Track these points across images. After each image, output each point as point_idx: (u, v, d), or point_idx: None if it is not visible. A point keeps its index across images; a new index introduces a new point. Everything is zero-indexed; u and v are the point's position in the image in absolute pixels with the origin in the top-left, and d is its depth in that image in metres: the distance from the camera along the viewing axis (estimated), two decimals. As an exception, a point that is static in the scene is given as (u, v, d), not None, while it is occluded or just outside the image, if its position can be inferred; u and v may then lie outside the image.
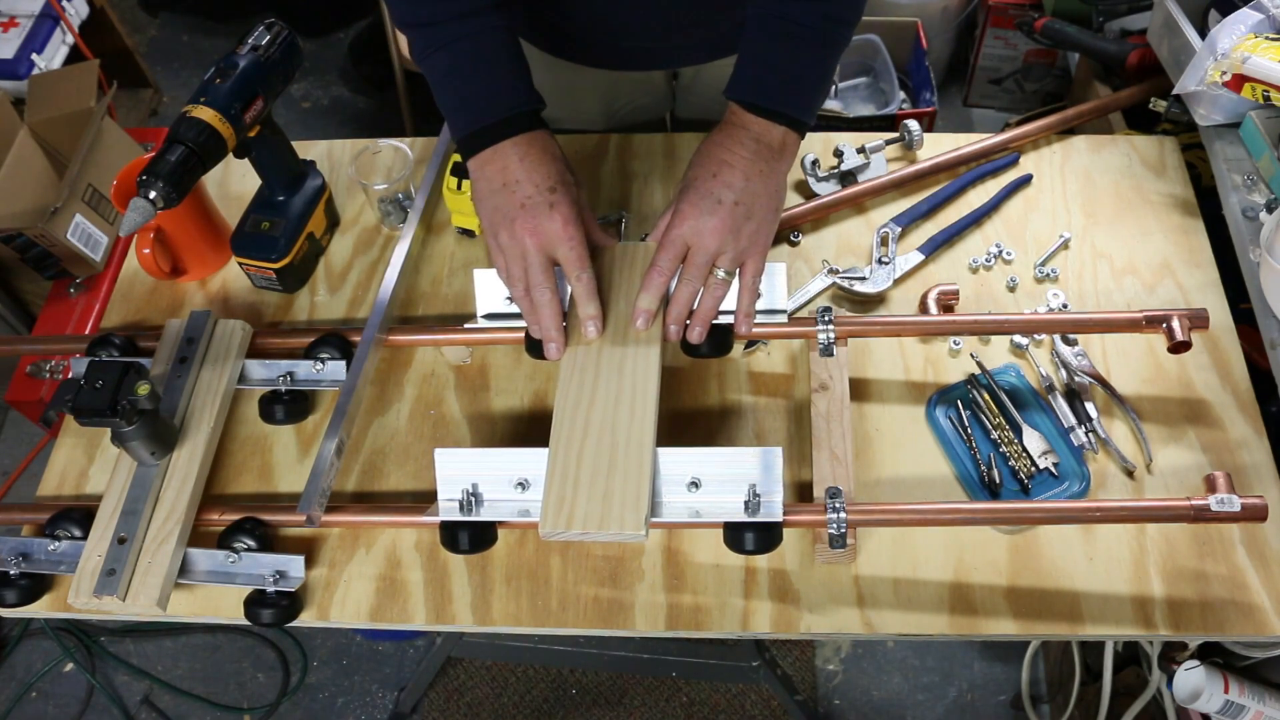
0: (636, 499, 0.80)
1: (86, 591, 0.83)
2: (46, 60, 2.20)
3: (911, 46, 2.28)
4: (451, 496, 0.83)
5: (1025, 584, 0.86)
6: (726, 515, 0.81)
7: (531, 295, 0.86)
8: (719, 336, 0.91)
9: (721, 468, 0.81)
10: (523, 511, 0.83)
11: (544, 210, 0.84)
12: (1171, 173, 1.13)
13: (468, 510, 0.83)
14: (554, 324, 0.86)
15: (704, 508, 0.82)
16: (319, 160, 1.15)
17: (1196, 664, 1.03)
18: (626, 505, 0.80)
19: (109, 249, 1.85)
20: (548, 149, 0.87)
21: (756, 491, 0.80)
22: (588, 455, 0.83)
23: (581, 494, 0.81)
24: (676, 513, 0.82)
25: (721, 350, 0.92)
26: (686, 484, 0.82)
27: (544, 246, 0.84)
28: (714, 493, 0.82)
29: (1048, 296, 1.03)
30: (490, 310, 0.96)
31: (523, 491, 0.83)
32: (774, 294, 0.94)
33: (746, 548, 0.81)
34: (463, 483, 0.83)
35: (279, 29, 0.96)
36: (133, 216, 0.85)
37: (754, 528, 0.80)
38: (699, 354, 0.91)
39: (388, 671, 1.82)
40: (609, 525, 0.79)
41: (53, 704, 1.83)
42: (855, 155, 1.12)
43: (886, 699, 1.74)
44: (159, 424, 0.89)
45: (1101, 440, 0.92)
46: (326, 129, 2.63)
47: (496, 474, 0.84)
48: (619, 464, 0.82)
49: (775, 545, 0.82)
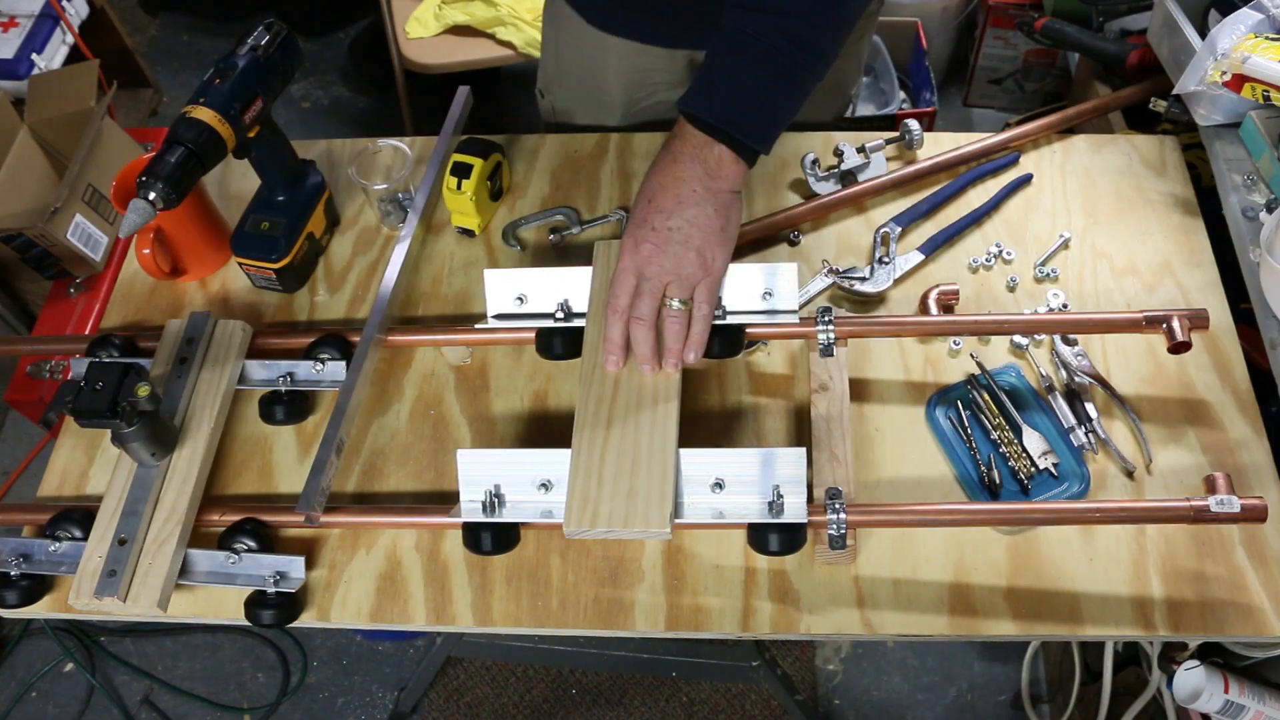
0: (661, 497, 0.80)
1: (87, 592, 0.83)
2: (46, 60, 2.20)
3: (911, 46, 2.28)
4: (474, 498, 0.83)
5: (1025, 584, 0.85)
6: (750, 516, 0.81)
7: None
8: (729, 337, 0.91)
9: (744, 469, 0.81)
10: (545, 512, 0.83)
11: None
12: (1172, 172, 1.13)
13: (491, 511, 0.83)
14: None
15: (727, 508, 0.82)
16: (319, 160, 1.15)
17: (1196, 664, 1.03)
18: (651, 503, 0.80)
19: (109, 249, 1.85)
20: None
21: (780, 493, 0.80)
22: (611, 453, 0.83)
23: (605, 492, 0.81)
24: (700, 513, 0.82)
25: (732, 351, 0.91)
26: (710, 484, 0.82)
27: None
28: (737, 494, 0.82)
29: (1048, 296, 1.03)
30: (500, 310, 0.96)
31: (545, 492, 0.83)
32: (781, 295, 0.93)
33: (772, 549, 0.81)
34: (485, 484, 0.83)
35: (278, 29, 0.96)
36: (132, 218, 0.85)
37: (778, 529, 0.80)
38: (710, 354, 0.90)
39: (388, 671, 1.82)
40: (634, 523, 0.79)
41: (53, 704, 1.83)
42: (855, 155, 1.12)
43: (886, 699, 1.74)
44: (159, 425, 0.89)
45: (1101, 441, 0.92)
46: (326, 129, 2.63)
47: (519, 475, 0.83)
48: (642, 462, 0.82)
49: (800, 546, 0.82)
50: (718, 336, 0.90)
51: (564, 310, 0.94)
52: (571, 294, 0.94)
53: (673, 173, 0.83)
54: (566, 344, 0.93)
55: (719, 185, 0.83)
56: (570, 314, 0.94)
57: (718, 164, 0.82)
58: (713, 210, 0.84)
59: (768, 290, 0.92)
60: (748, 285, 0.93)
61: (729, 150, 0.82)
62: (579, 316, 0.94)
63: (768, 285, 0.92)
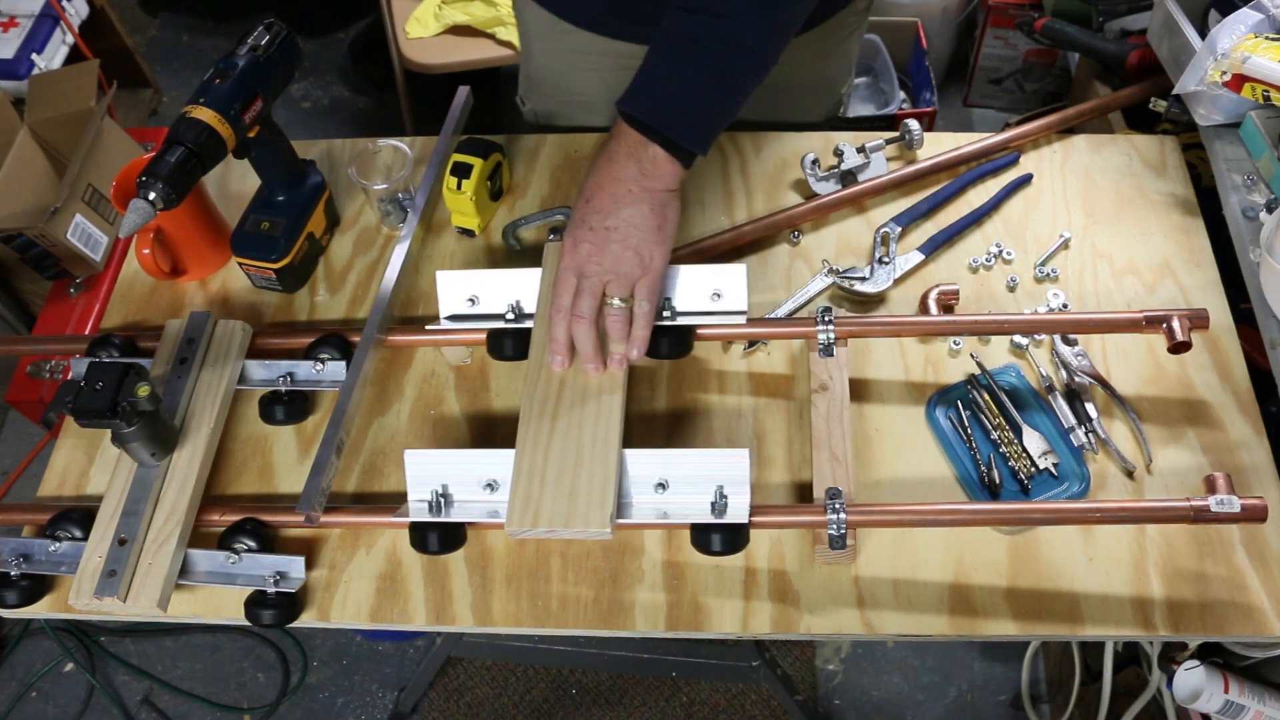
0: (602, 497, 0.80)
1: (87, 592, 0.83)
2: (46, 60, 2.20)
3: (911, 46, 2.28)
4: (421, 497, 0.84)
5: (1025, 584, 0.85)
6: (693, 516, 0.82)
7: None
8: (678, 337, 0.91)
9: (689, 469, 0.82)
10: (491, 513, 0.83)
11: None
12: (1172, 172, 1.13)
13: (437, 511, 0.83)
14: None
15: (671, 509, 0.82)
16: (319, 160, 1.15)
17: (1196, 664, 1.03)
18: (593, 503, 0.80)
19: (109, 249, 1.85)
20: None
21: (724, 493, 0.81)
22: (554, 454, 0.83)
23: (548, 492, 0.81)
24: (644, 513, 0.82)
25: (681, 351, 0.92)
26: (654, 485, 0.83)
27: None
28: (682, 494, 0.82)
29: (1048, 296, 1.02)
30: (452, 311, 0.97)
31: (491, 492, 0.84)
32: (730, 296, 0.93)
33: (714, 549, 0.81)
34: (432, 484, 0.84)
35: (278, 29, 0.96)
36: (132, 218, 0.85)
37: (721, 529, 0.81)
38: (659, 354, 0.91)
39: (388, 671, 1.82)
40: (575, 523, 0.79)
41: (53, 704, 1.83)
42: (855, 155, 1.12)
43: (886, 699, 1.74)
44: (159, 425, 0.89)
45: (1101, 440, 0.92)
46: (326, 129, 2.63)
47: (465, 475, 0.84)
48: (585, 462, 0.82)
49: (742, 546, 0.82)
50: (666, 337, 0.90)
51: (515, 311, 0.94)
52: (523, 295, 0.95)
53: (609, 172, 0.84)
54: (517, 345, 0.93)
55: (654, 185, 0.84)
56: (521, 315, 0.94)
57: (653, 164, 0.83)
58: (649, 209, 0.84)
59: (716, 291, 0.93)
60: (697, 286, 0.93)
61: (664, 151, 0.83)
62: (530, 318, 0.94)
63: (716, 286, 0.93)
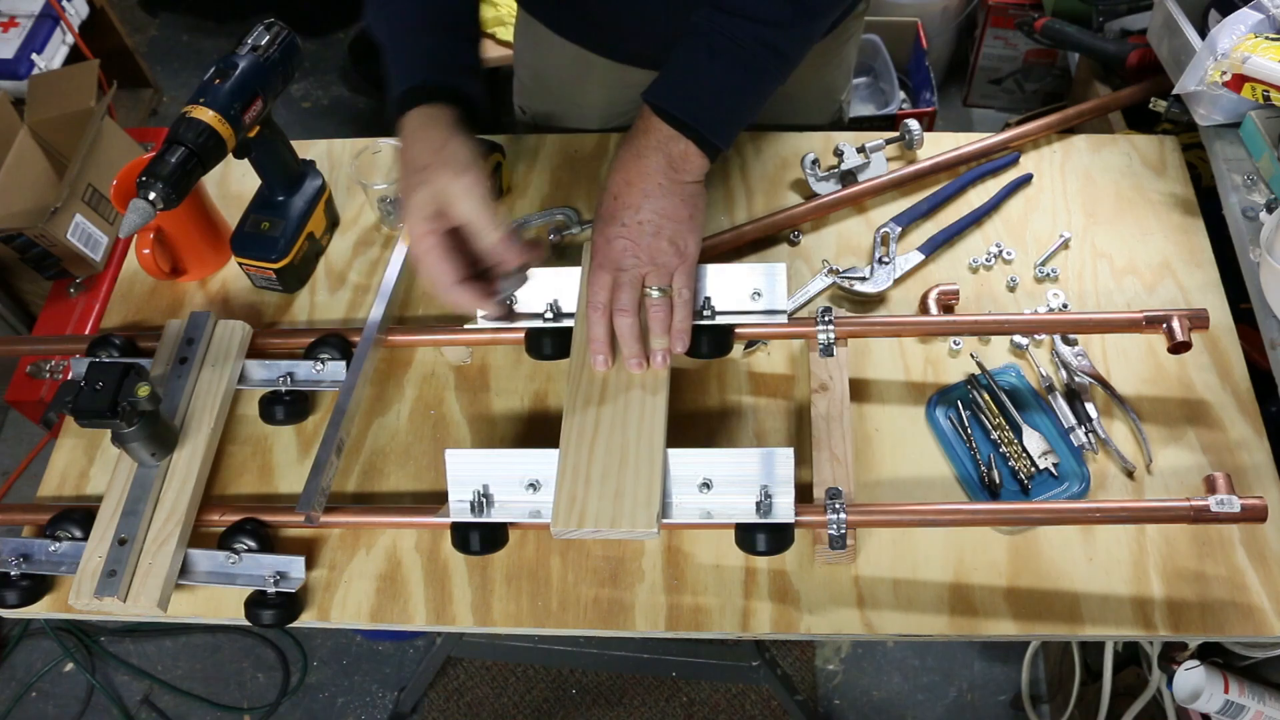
0: (649, 496, 0.80)
1: (87, 592, 0.83)
2: (46, 60, 2.20)
3: (911, 46, 2.28)
4: (462, 498, 0.83)
5: (1025, 584, 0.85)
6: (738, 516, 0.81)
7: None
8: (718, 337, 0.91)
9: (732, 469, 0.81)
10: (534, 512, 0.83)
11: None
12: (1172, 172, 1.13)
13: (479, 511, 0.83)
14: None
15: (715, 509, 0.82)
16: (319, 160, 1.15)
17: (1196, 664, 1.03)
18: (639, 503, 0.80)
19: (109, 249, 1.85)
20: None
21: (768, 493, 0.80)
22: (599, 453, 0.83)
23: (593, 492, 0.81)
24: (688, 513, 0.82)
25: (721, 350, 0.91)
26: (698, 485, 0.82)
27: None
28: (725, 494, 0.82)
29: (1048, 296, 1.03)
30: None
31: (534, 492, 0.83)
32: (774, 295, 0.93)
33: (759, 549, 0.81)
34: (473, 484, 0.83)
35: (279, 29, 0.96)
36: (132, 218, 0.85)
37: (766, 529, 0.80)
38: (699, 354, 0.90)
39: (388, 671, 1.82)
40: (621, 523, 0.79)
41: (53, 704, 1.83)
42: (855, 155, 1.12)
43: (886, 699, 1.74)
44: (159, 425, 0.89)
45: (1101, 440, 0.92)
46: (326, 129, 2.63)
47: (507, 475, 0.83)
48: (630, 461, 0.82)
49: (787, 546, 0.82)
50: (706, 336, 0.90)
51: (553, 310, 0.94)
52: (561, 294, 0.94)
53: (637, 168, 0.84)
54: (556, 344, 0.93)
55: (682, 177, 0.85)
56: (560, 314, 0.94)
57: (682, 158, 0.84)
58: (679, 200, 0.85)
59: (757, 290, 0.93)
60: (737, 285, 0.93)
61: (695, 146, 0.83)
62: (568, 317, 0.94)
63: (757, 285, 0.92)
